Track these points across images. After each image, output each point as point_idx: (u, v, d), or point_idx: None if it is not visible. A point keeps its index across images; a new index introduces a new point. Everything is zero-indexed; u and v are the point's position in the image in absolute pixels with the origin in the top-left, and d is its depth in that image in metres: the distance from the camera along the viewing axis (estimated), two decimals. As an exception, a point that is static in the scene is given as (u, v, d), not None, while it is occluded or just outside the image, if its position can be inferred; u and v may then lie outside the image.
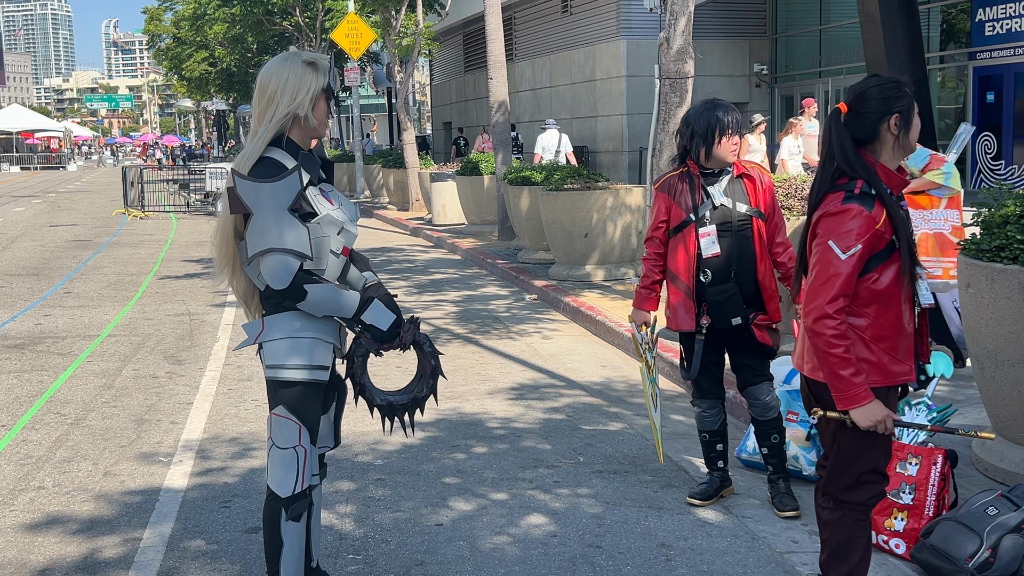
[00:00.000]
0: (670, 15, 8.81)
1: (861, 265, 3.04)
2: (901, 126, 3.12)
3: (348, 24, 23.20)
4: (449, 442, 5.74)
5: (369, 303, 3.33)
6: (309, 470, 3.38)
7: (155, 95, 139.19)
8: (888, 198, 3.09)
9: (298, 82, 3.26)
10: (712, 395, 4.69)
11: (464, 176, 16.98)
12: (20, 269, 13.86)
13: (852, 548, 3.28)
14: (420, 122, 56.47)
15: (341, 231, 3.33)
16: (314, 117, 3.29)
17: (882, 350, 3.13)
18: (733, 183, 4.55)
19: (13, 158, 62.13)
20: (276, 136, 3.26)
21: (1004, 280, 4.41)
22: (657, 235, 4.65)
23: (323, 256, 3.29)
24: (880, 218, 3.05)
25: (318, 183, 3.36)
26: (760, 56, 26.43)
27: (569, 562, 4.11)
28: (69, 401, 6.77)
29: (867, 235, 3.02)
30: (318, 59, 3.31)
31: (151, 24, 47.83)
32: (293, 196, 3.19)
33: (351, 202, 3.47)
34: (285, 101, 3.24)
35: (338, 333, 3.42)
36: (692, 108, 4.58)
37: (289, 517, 3.38)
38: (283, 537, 3.39)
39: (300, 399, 3.31)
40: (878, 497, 3.30)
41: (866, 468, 3.23)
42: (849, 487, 3.25)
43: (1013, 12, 19.20)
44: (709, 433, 4.74)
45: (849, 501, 3.26)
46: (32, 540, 4.46)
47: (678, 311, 4.59)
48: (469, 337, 8.66)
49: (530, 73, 30.59)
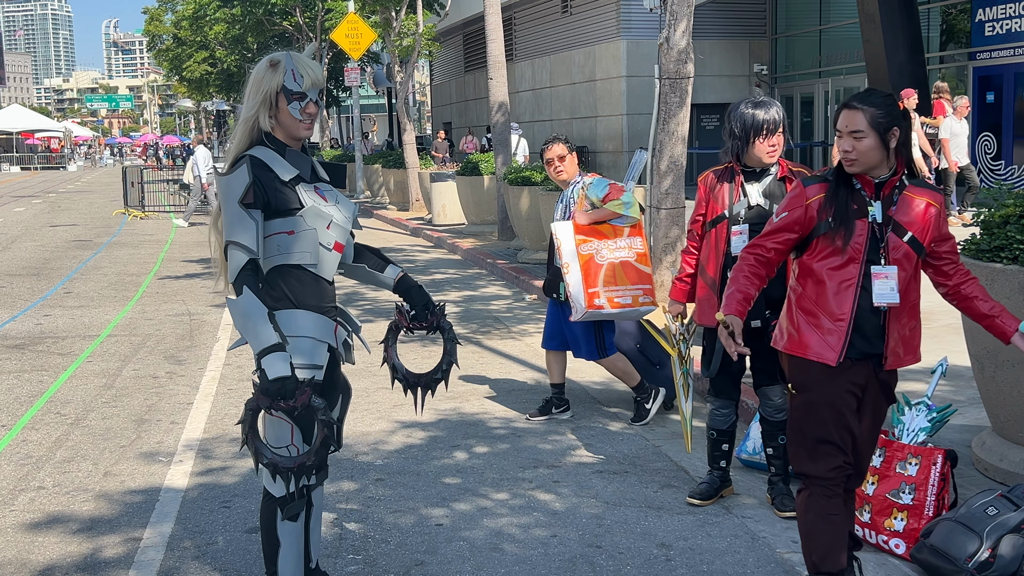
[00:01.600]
0: (670, 15, 8.81)
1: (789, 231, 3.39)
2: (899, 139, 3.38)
3: (348, 24, 23.21)
4: (450, 442, 5.74)
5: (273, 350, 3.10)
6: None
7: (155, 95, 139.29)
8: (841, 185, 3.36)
9: (256, 84, 3.29)
10: (726, 395, 4.71)
11: (464, 176, 16.98)
12: (20, 269, 13.86)
13: (823, 527, 3.34)
14: (420, 122, 56.47)
15: (331, 225, 3.32)
16: (276, 118, 3.29)
17: (805, 322, 3.37)
18: (774, 184, 4.54)
19: (13, 158, 62.12)
20: (258, 136, 3.30)
21: (1004, 280, 4.41)
22: (695, 228, 4.73)
23: (311, 250, 3.29)
24: (813, 196, 3.37)
25: (311, 180, 3.36)
26: (760, 56, 26.44)
27: (569, 562, 4.11)
28: (69, 401, 6.78)
29: (796, 207, 3.39)
30: (282, 59, 3.29)
31: (151, 25, 47.87)
32: (242, 189, 3.18)
33: (351, 202, 3.47)
34: (247, 103, 3.29)
35: (333, 333, 3.38)
36: (734, 104, 4.57)
37: (285, 517, 3.38)
38: (279, 537, 3.39)
39: None
40: (840, 469, 3.36)
41: (817, 436, 3.35)
42: (807, 458, 3.38)
43: (1013, 12, 19.20)
44: (718, 432, 4.74)
45: (811, 475, 3.38)
46: (32, 540, 4.46)
47: (703, 305, 4.64)
48: (470, 337, 8.67)
49: (530, 73, 30.59)
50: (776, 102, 4.56)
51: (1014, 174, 18.50)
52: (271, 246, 3.26)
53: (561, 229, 5.81)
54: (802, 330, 3.37)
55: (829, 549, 3.34)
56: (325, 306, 3.37)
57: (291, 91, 3.26)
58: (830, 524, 3.34)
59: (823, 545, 3.35)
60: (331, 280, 3.39)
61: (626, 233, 5.85)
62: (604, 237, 5.82)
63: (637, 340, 6.33)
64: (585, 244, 5.76)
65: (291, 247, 3.27)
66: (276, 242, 3.26)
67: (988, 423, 4.95)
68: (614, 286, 5.75)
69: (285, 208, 3.24)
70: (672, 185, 9.07)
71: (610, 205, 5.78)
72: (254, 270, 3.17)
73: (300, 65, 3.28)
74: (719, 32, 25.70)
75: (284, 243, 3.26)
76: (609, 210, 5.79)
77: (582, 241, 5.76)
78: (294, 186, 3.27)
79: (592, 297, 5.67)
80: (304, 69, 3.28)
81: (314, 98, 3.31)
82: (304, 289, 3.31)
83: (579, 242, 5.76)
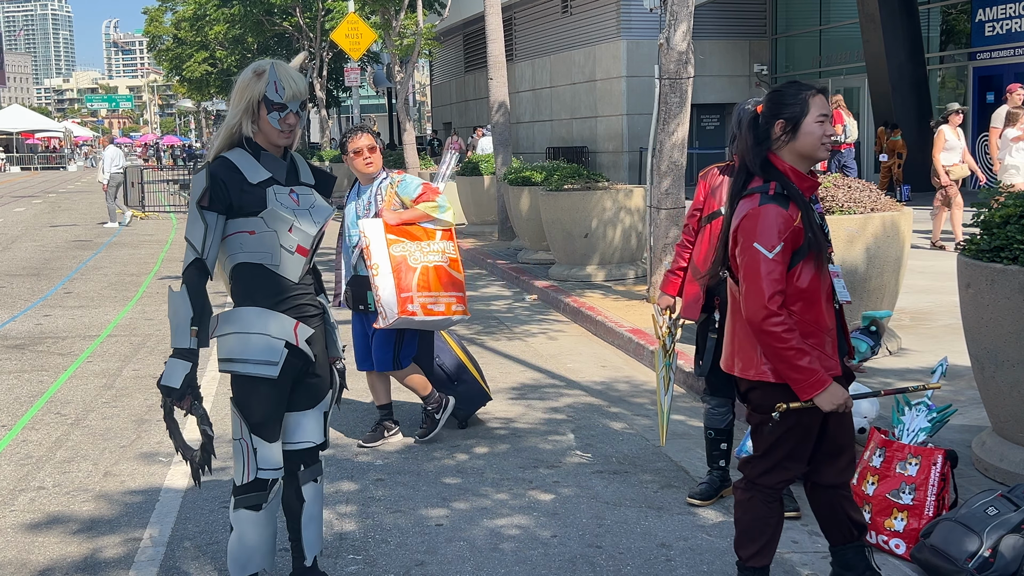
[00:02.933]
0: (670, 16, 8.81)
1: (787, 262, 3.18)
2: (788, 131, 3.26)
3: (348, 24, 23.20)
4: (450, 442, 5.74)
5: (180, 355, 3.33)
6: (258, 463, 3.48)
7: (155, 95, 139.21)
8: (800, 198, 3.23)
9: (241, 92, 3.42)
10: (722, 393, 4.71)
11: (464, 176, 16.99)
12: (20, 269, 13.86)
13: (761, 528, 3.43)
14: (420, 122, 56.47)
15: (293, 229, 3.43)
16: (258, 125, 3.42)
17: (810, 346, 3.23)
18: None
19: (13, 158, 62.12)
20: (239, 140, 3.44)
21: (1004, 280, 4.41)
22: (691, 223, 4.75)
23: (271, 250, 3.42)
24: (796, 217, 3.20)
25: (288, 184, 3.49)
26: (760, 56, 26.45)
27: (569, 562, 4.11)
28: (69, 401, 6.78)
29: (787, 232, 3.17)
30: (266, 69, 3.41)
31: (151, 25, 47.84)
32: (200, 191, 3.35)
33: (328, 208, 3.59)
34: (232, 109, 3.43)
35: (293, 331, 3.46)
36: (740, 103, 4.54)
37: (240, 505, 3.50)
38: (232, 523, 3.53)
39: (245, 393, 3.46)
40: (787, 482, 3.42)
41: (785, 455, 3.36)
42: (765, 472, 3.40)
43: (1013, 12, 19.21)
44: (715, 431, 4.75)
45: (760, 484, 3.41)
46: (32, 540, 4.46)
47: (689, 300, 4.66)
48: (470, 337, 8.67)
49: (530, 73, 30.59)
50: None
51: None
52: (234, 244, 3.42)
53: (370, 227, 5.35)
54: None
55: (762, 548, 3.45)
56: (287, 305, 3.47)
57: (272, 102, 3.39)
58: (767, 527, 3.44)
59: (757, 544, 3.44)
60: (296, 280, 3.49)
61: (439, 236, 5.51)
62: (416, 239, 5.43)
63: (436, 354, 5.89)
64: (397, 245, 5.35)
65: (252, 247, 3.42)
66: (239, 240, 3.42)
67: (988, 423, 4.95)
68: (427, 292, 5.37)
69: (248, 210, 3.39)
70: (672, 185, 9.07)
71: (423, 206, 5.43)
72: (198, 269, 3.35)
73: (283, 76, 3.40)
74: (719, 32, 25.71)
75: (246, 242, 3.42)
76: (421, 211, 5.43)
77: (393, 241, 5.34)
78: (264, 188, 3.41)
79: (405, 303, 5.26)
80: (287, 81, 3.40)
81: (295, 109, 3.43)
82: (264, 288, 3.45)
83: (390, 242, 5.34)
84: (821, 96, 3.28)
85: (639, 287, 10.34)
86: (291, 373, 3.49)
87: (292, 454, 3.67)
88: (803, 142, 3.26)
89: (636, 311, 8.97)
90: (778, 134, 3.27)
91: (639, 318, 8.60)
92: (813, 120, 3.24)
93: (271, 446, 3.48)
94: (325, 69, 31.57)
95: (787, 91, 3.29)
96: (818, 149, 3.27)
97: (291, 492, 3.71)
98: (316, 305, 3.60)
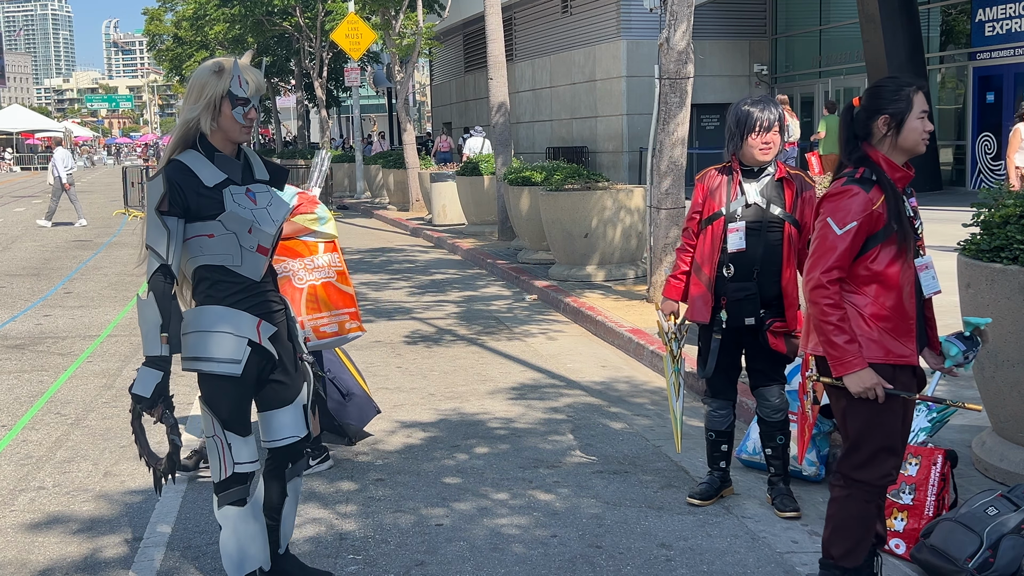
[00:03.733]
0: (670, 16, 8.81)
1: (858, 242, 3.25)
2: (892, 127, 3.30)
3: (348, 24, 23.21)
4: (450, 442, 5.74)
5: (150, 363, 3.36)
6: (235, 458, 3.51)
7: (155, 95, 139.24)
8: (890, 186, 3.28)
9: (200, 89, 3.43)
10: (724, 395, 4.68)
11: (464, 176, 16.98)
12: (20, 269, 13.86)
13: (855, 527, 3.38)
14: (420, 122, 56.46)
15: (252, 229, 3.46)
16: (218, 122, 3.43)
17: (881, 329, 3.27)
18: (772, 184, 4.51)
19: (14, 158, 62.11)
20: (193, 139, 3.45)
21: (1004, 280, 4.41)
22: (691, 225, 4.69)
23: (232, 252, 3.45)
24: (878, 200, 3.24)
25: (244, 183, 3.50)
26: (760, 56, 26.44)
27: (569, 562, 4.11)
28: (69, 401, 6.78)
29: (863, 213, 3.23)
30: (226, 64, 3.44)
31: (151, 25, 47.81)
32: (158, 197, 3.36)
33: (286, 204, 3.63)
34: (188, 106, 3.44)
35: (256, 328, 3.50)
36: (735, 103, 4.55)
37: (224, 503, 3.53)
38: (220, 522, 3.57)
39: (212, 391, 3.50)
40: (889, 478, 3.36)
41: (879, 445, 3.32)
42: (861, 465, 3.35)
43: (1013, 12, 19.21)
44: (716, 433, 4.72)
45: (859, 480, 3.36)
46: (32, 540, 4.46)
47: (696, 302, 4.61)
48: (470, 337, 8.67)
49: (530, 73, 30.59)
50: (775, 101, 4.54)
51: (1014, 174, 18.46)
52: (194, 247, 3.45)
53: None
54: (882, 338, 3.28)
55: (853, 548, 3.40)
56: (250, 303, 3.51)
57: (236, 96, 3.42)
58: (862, 526, 3.39)
59: (850, 543, 3.40)
60: (258, 279, 3.53)
61: (321, 249, 5.02)
62: (298, 255, 4.96)
63: (327, 368, 5.49)
64: (278, 264, 4.83)
65: (213, 249, 3.44)
66: (199, 243, 3.44)
67: (988, 423, 4.95)
68: (318, 313, 4.95)
69: (205, 213, 3.41)
70: (672, 185, 9.07)
71: (300, 219, 4.92)
72: (164, 275, 3.36)
73: (245, 71, 3.44)
74: (719, 32, 25.71)
75: (206, 245, 3.44)
76: (299, 225, 4.92)
77: (275, 261, 4.69)
78: (221, 190, 3.43)
79: None
80: (249, 75, 3.44)
81: (256, 104, 3.48)
82: (226, 288, 3.48)
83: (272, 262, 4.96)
84: (921, 92, 3.32)
85: (639, 287, 10.34)
86: (255, 370, 3.54)
87: (278, 451, 3.71)
88: (906, 137, 3.31)
89: (636, 311, 8.97)
90: (882, 130, 3.31)
91: (639, 318, 8.60)
92: (916, 116, 3.30)
93: (245, 440, 3.54)
94: (325, 69, 31.56)
95: (889, 87, 3.33)
96: (919, 144, 3.32)
97: (276, 486, 3.77)
98: (278, 302, 3.65)
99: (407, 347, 8.28)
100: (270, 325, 3.55)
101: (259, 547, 3.60)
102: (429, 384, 7.08)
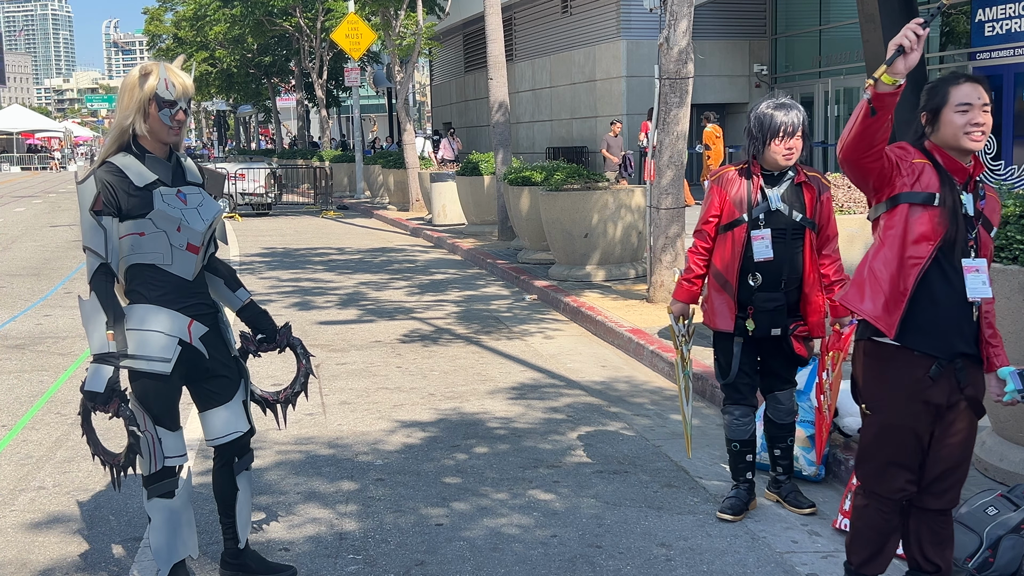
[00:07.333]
0: (670, 16, 8.82)
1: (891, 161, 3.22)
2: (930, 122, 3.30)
3: (348, 24, 23.21)
4: (450, 442, 5.74)
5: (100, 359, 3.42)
6: (164, 452, 3.58)
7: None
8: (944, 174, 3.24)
9: (130, 92, 3.53)
10: (747, 402, 4.51)
11: (464, 176, 16.98)
12: (20, 269, 13.87)
13: (874, 537, 3.40)
14: (420, 122, 56.46)
15: (182, 228, 3.55)
16: (148, 124, 3.52)
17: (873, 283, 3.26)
18: (793, 189, 4.36)
19: (14, 158, 62.13)
20: (127, 142, 3.55)
21: (1004, 280, 4.41)
22: (707, 229, 4.48)
23: (162, 251, 3.55)
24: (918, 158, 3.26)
25: (173, 184, 3.60)
26: (760, 56, 26.44)
27: (569, 562, 4.11)
28: (69, 401, 6.78)
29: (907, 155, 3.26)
30: (153, 68, 3.53)
31: (151, 25, 47.81)
32: (91, 198, 3.46)
33: (217, 205, 3.72)
34: (121, 110, 3.55)
35: (187, 328, 3.59)
36: (757, 102, 4.38)
37: (153, 495, 3.61)
38: (149, 514, 3.64)
39: (143, 388, 3.56)
40: (903, 492, 3.34)
41: (888, 459, 3.33)
42: (870, 475, 3.38)
43: (1013, 12, 19.21)
44: (740, 443, 4.53)
45: (871, 491, 3.39)
46: (33, 540, 4.46)
47: (719, 310, 4.44)
48: (470, 337, 8.67)
49: (530, 73, 30.59)
50: (799, 105, 4.37)
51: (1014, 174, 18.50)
52: (127, 246, 3.53)
53: None
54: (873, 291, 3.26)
55: (873, 557, 3.43)
56: (182, 303, 3.60)
57: (163, 99, 3.51)
58: (881, 536, 3.41)
59: (867, 552, 3.43)
60: (191, 279, 3.62)
61: None
62: None
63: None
64: None
65: (143, 247, 3.54)
66: (130, 242, 3.53)
67: (988, 423, 4.95)
68: None
69: (136, 212, 3.50)
70: (671, 184, 9.08)
71: None
72: (105, 274, 3.46)
73: (172, 74, 3.53)
74: (719, 32, 25.70)
75: (136, 244, 3.53)
76: None
77: None
78: (151, 190, 3.53)
79: None
80: (175, 78, 3.53)
81: (184, 106, 3.57)
82: (157, 286, 3.57)
83: None
84: (968, 85, 3.22)
85: (639, 287, 10.34)
86: (184, 368, 3.62)
87: (223, 448, 3.83)
88: (943, 132, 3.24)
89: (636, 311, 8.97)
90: (924, 126, 3.31)
91: (639, 318, 8.60)
92: (952, 110, 3.21)
93: (174, 434, 3.62)
94: (325, 69, 31.56)
95: (933, 83, 3.31)
96: (960, 138, 3.21)
97: (226, 481, 3.87)
98: (209, 304, 3.74)
99: (407, 347, 8.28)
100: (201, 326, 3.65)
101: (187, 536, 3.68)
102: (429, 384, 7.08)
